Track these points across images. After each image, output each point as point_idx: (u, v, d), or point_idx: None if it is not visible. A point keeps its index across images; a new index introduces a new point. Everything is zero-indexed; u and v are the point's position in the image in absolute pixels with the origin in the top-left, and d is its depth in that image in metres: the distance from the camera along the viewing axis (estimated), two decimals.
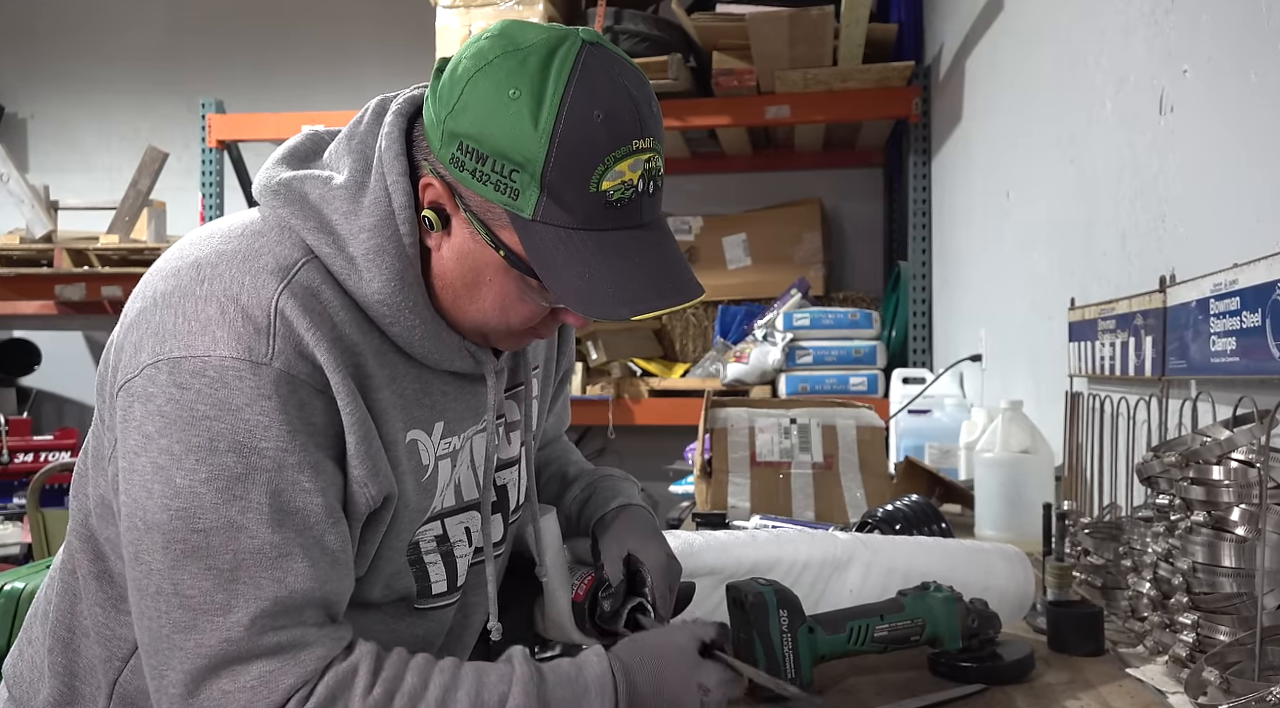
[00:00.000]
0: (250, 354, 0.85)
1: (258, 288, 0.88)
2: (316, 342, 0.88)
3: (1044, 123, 2.20)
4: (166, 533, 0.85)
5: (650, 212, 0.91)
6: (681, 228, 4.17)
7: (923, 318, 3.74)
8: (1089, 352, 1.78)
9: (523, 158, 0.85)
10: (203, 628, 0.84)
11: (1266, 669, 0.93)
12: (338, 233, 0.92)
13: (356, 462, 0.90)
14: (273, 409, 0.85)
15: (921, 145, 3.71)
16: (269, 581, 0.85)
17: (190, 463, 0.84)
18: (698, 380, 3.82)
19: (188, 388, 0.85)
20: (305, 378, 0.87)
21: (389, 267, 0.91)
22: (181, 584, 0.85)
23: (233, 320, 0.86)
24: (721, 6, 3.50)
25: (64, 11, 5.15)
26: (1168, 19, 1.49)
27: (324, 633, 0.87)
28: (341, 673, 0.85)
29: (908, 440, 2.75)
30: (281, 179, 0.94)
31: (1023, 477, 1.76)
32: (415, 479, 0.98)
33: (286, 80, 4.74)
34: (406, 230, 0.92)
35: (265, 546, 0.85)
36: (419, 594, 1.02)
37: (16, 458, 3.56)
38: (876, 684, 1.09)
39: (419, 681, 0.87)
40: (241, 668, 0.84)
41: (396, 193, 0.91)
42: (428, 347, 0.96)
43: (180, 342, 0.86)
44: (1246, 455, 1.02)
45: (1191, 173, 1.43)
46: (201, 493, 0.84)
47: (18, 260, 4.48)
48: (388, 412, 0.94)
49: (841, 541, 1.26)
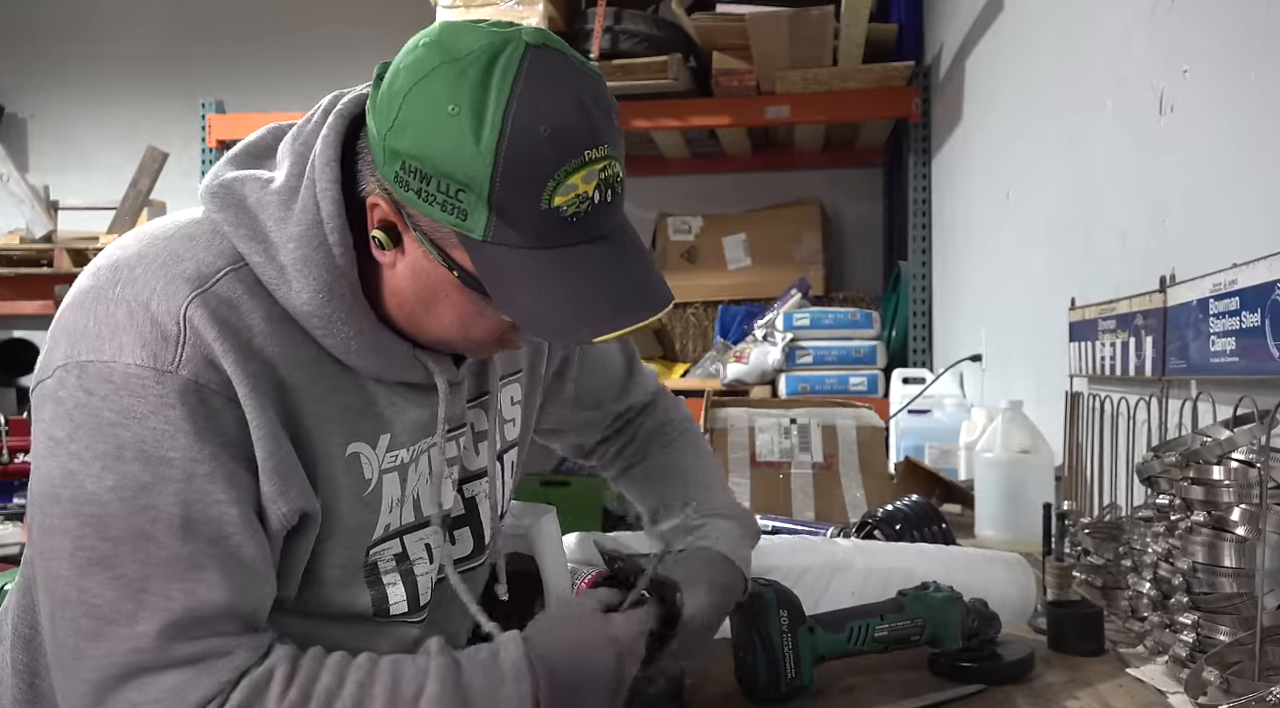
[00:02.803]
0: (155, 362, 0.83)
1: (169, 294, 0.85)
2: (225, 352, 0.84)
3: (1044, 123, 2.20)
4: (74, 540, 0.82)
5: (608, 221, 0.87)
6: (681, 228, 4.17)
7: (923, 318, 3.74)
8: (1089, 352, 1.78)
9: (467, 178, 0.81)
10: (110, 637, 0.81)
11: (1266, 669, 0.93)
12: (270, 240, 0.89)
13: (264, 478, 0.87)
14: (178, 418, 0.82)
15: (921, 145, 3.71)
16: (179, 592, 0.82)
17: (96, 470, 0.82)
18: (698, 380, 3.82)
19: (94, 393, 0.83)
20: (215, 388, 0.84)
21: (316, 278, 0.88)
22: (88, 592, 0.82)
23: (140, 326, 0.84)
24: (721, 6, 3.50)
25: (64, 12, 5.15)
26: (1168, 19, 1.49)
27: (241, 641, 0.84)
28: (256, 679, 0.83)
29: (908, 440, 2.75)
30: (223, 180, 0.92)
31: (1023, 477, 1.76)
32: (355, 494, 0.94)
33: (286, 80, 4.74)
34: (336, 240, 0.88)
35: (174, 557, 0.82)
36: (376, 614, 0.99)
37: (16, 458, 3.55)
38: (876, 684, 1.08)
39: (334, 679, 0.84)
40: (151, 679, 0.81)
41: (325, 201, 0.88)
42: (367, 359, 0.93)
43: (88, 345, 0.84)
44: (1246, 455, 1.02)
45: (1191, 173, 1.43)
46: (109, 502, 0.82)
47: (18, 260, 4.49)
48: (323, 425, 0.91)
49: (841, 547, 1.26)
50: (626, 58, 3.56)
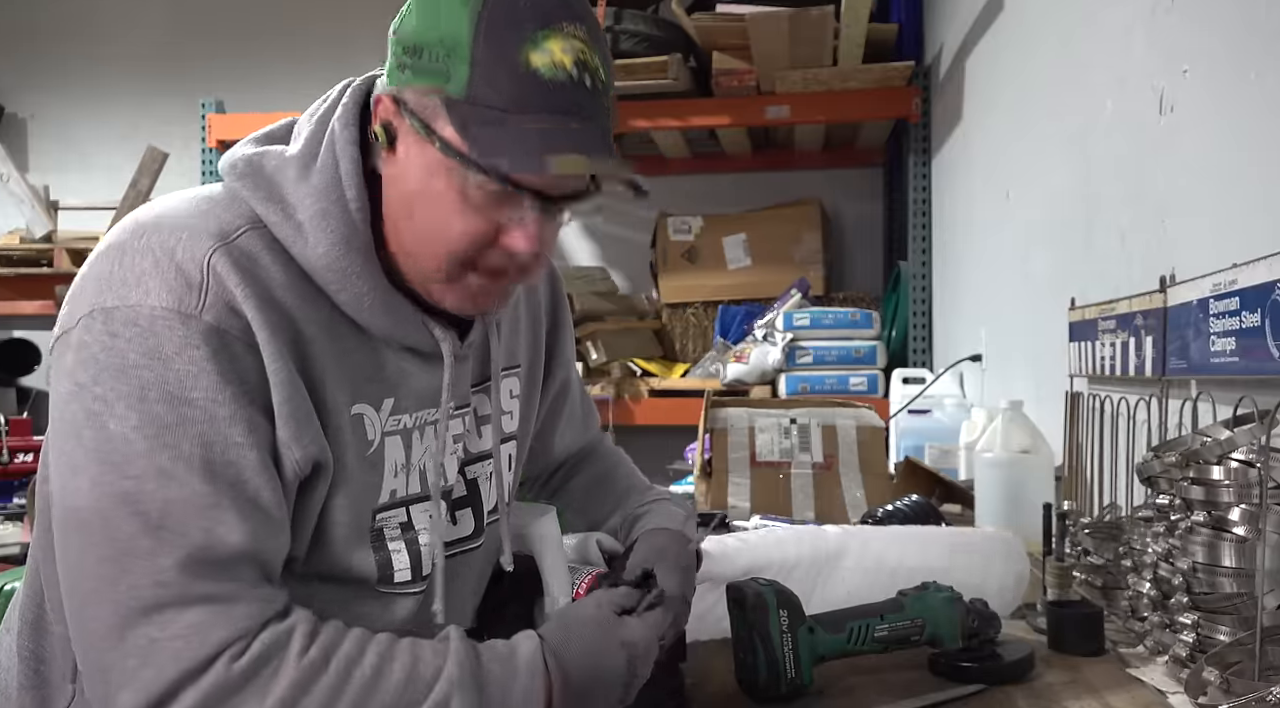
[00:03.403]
0: (180, 305, 0.85)
1: (193, 245, 0.88)
2: (245, 298, 0.87)
3: (1044, 123, 2.20)
4: (95, 477, 0.84)
5: (587, 106, 0.90)
6: (681, 228, 4.17)
7: (923, 318, 3.74)
8: (1089, 352, 1.78)
9: (452, 38, 0.87)
10: (132, 571, 0.82)
11: (1266, 669, 0.93)
12: (287, 201, 0.93)
13: (280, 423, 0.89)
14: (202, 359, 0.85)
15: (921, 145, 3.71)
16: (198, 530, 0.83)
17: (121, 410, 0.84)
18: (698, 380, 3.82)
19: (119, 336, 0.85)
20: (236, 334, 0.87)
21: (334, 230, 0.92)
22: (110, 526, 0.83)
23: (165, 273, 0.86)
24: (721, 6, 3.50)
25: (64, 12, 5.15)
26: (1168, 19, 1.49)
27: (257, 592, 0.85)
28: (278, 632, 0.84)
29: (908, 440, 2.75)
30: (243, 155, 0.96)
31: (1023, 477, 1.75)
32: (359, 453, 0.97)
33: (286, 80, 4.73)
34: (353, 195, 0.93)
35: (195, 495, 0.83)
36: (380, 580, 1.00)
37: (16, 458, 3.55)
38: (876, 684, 1.09)
39: (355, 648, 0.85)
40: (173, 615, 0.81)
41: (344, 160, 0.93)
42: (378, 317, 0.96)
43: (114, 292, 0.87)
44: (1246, 455, 1.02)
45: (1191, 173, 1.43)
46: (133, 440, 0.83)
47: (18, 260, 4.48)
48: (331, 383, 0.94)
49: (831, 535, 1.27)
50: (626, 58, 3.56)
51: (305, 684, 0.82)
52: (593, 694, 0.91)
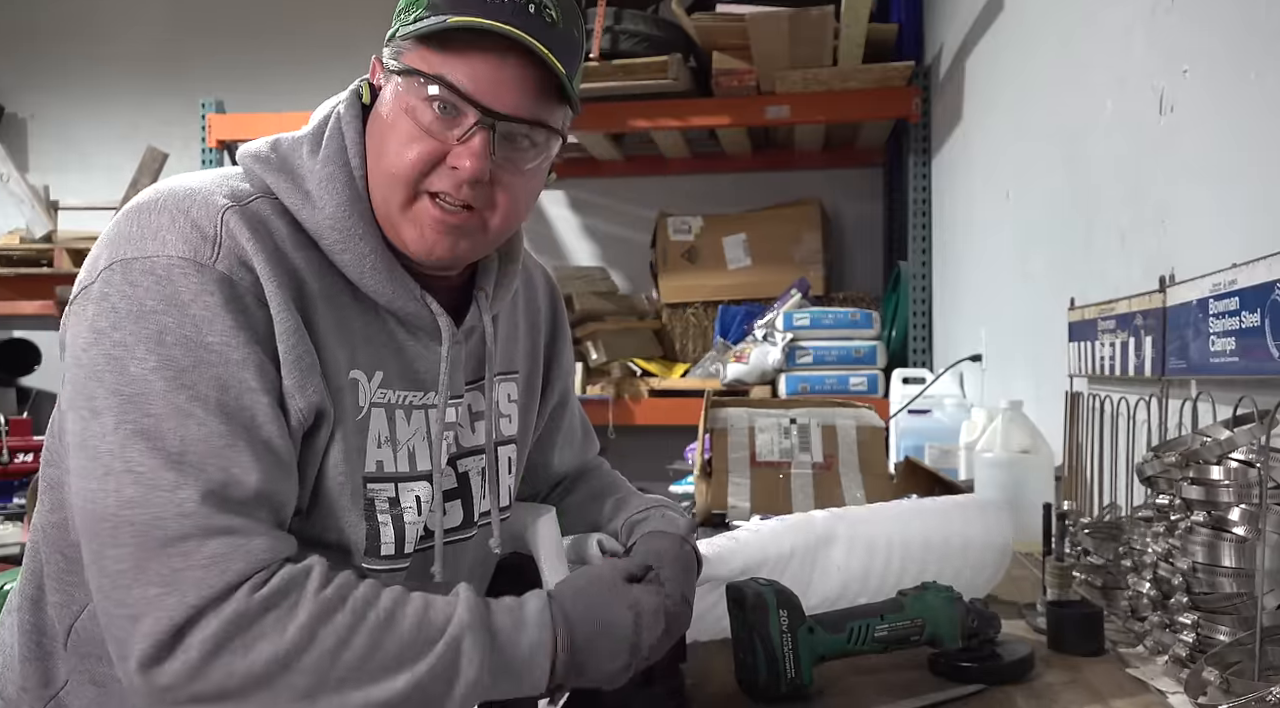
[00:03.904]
0: (196, 255, 0.91)
1: (208, 204, 0.94)
2: (255, 252, 0.93)
3: (1044, 123, 2.20)
4: (117, 415, 0.87)
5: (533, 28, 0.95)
6: (681, 228, 4.17)
7: (923, 318, 3.74)
8: (1089, 352, 1.78)
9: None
10: (155, 502, 0.85)
11: (1266, 669, 0.93)
12: (297, 172, 1.00)
13: (286, 371, 0.93)
14: (216, 305, 0.90)
15: (921, 145, 3.71)
16: (215, 467, 0.87)
17: (140, 352, 0.88)
18: (698, 380, 3.82)
19: (138, 285, 0.90)
20: (246, 286, 0.92)
21: (339, 192, 0.99)
22: (132, 461, 0.86)
23: (181, 227, 0.92)
24: (721, 6, 3.50)
25: (64, 12, 5.15)
26: (1168, 19, 1.49)
27: (273, 532, 0.89)
28: (296, 570, 0.87)
29: (908, 440, 2.75)
30: (262, 141, 1.04)
31: (1023, 477, 1.75)
32: (351, 416, 1.01)
33: (287, 80, 4.73)
34: (357, 163, 1.01)
35: (212, 433, 0.87)
36: (368, 551, 1.03)
37: (16, 458, 3.55)
38: (876, 684, 1.09)
39: (371, 591, 0.89)
40: (195, 546, 0.84)
41: (350, 131, 1.02)
42: (379, 280, 1.01)
43: (133, 246, 0.92)
44: (1246, 455, 1.02)
45: (1191, 173, 1.43)
46: (152, 381, 0.87)
47: (18, 260, 4.48)
48: (332, 342, 0.98)
49: (819, 519, 1.27)
50: (626, 58, 3.56)
51: (323, 617, 0.85)
52: (598, 651, 0.93)
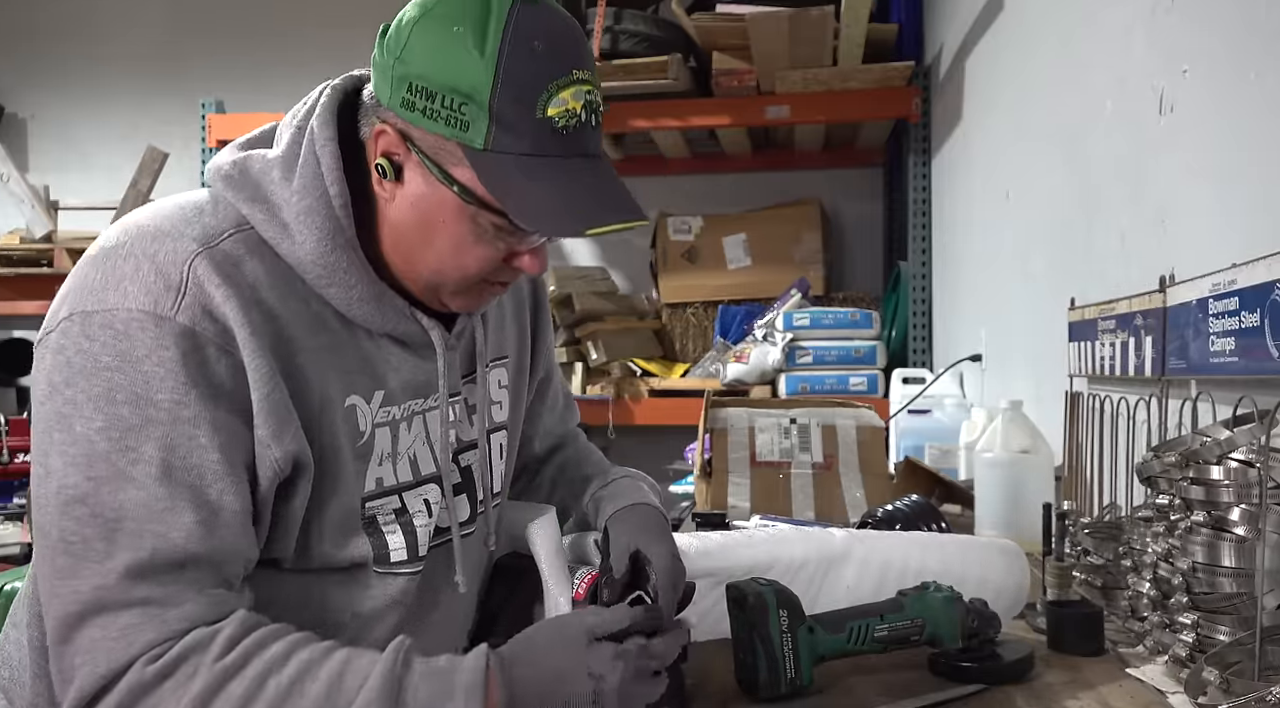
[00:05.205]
0: (155, 307, 0.88)
1: (176, 250, 0.91)
2: (225, 299, 0.89)
3: (1044, 123, 2.20)
4: (60, 479, 0.86)
5: (594, 144, 0.95)
6: (681, 228, 4.17)
7: (923, 318, 3.74)
8: (1089, 352, 1.78)
9: (470, 88, 0.88)
10: (81, 574, 0.85)
11: (1266, 669, 0.93)
12: (272, 201, 0.95)
13: (259, 420, 0.91)
14: (170, 361, 0.87)
15: (921, 145, 3.71)
16: (150, 534, 0.85)
17: (88, 411, 0.86)
18: (698, 380, 3.82)
19: (95, 339, 0.88)
20: (211, 336, 0.89)
21: (319, 226, 0.94)
22: (67, 530, 0.86)
23: (145, 276, 0.89)
24: (721, 6, 3.50)
25: (64, 12, 5.15)
26: (1168, 19, 1.49)
27: (201, 595, 0.86)
28: (201, 635, 0.85)
29: (908, 440, 2.75)
30: (229, 160, 0.98)
31: (1023, 477, 1.75)
32: (351, 443, 1.00)
33: (286, 80, 4.69)
34: (336, 191, 0.95)
35: (151, 499, 0.86)
36: (377, 561, 1.02)
37: (16, 458, 3.56)
38: (876, 684, 1.09)
39: (279, 655, 0.85)
40: (112, 617, 0.84)
41: (325, 155, 0.95)
42: (368, 309, 0.99)
43: (94, 297, 0.89)
44: (1246, 455, 1.02)
45: (1191, 173, 1.43)
46: (96, 442, 0.86)
47: (18, 260, 4.48)
48: (325, 375, 0.97)
49: (837, 537, 1.27)
50: (626, 58, 3.56)
51: (217, 687, 0.83)
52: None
